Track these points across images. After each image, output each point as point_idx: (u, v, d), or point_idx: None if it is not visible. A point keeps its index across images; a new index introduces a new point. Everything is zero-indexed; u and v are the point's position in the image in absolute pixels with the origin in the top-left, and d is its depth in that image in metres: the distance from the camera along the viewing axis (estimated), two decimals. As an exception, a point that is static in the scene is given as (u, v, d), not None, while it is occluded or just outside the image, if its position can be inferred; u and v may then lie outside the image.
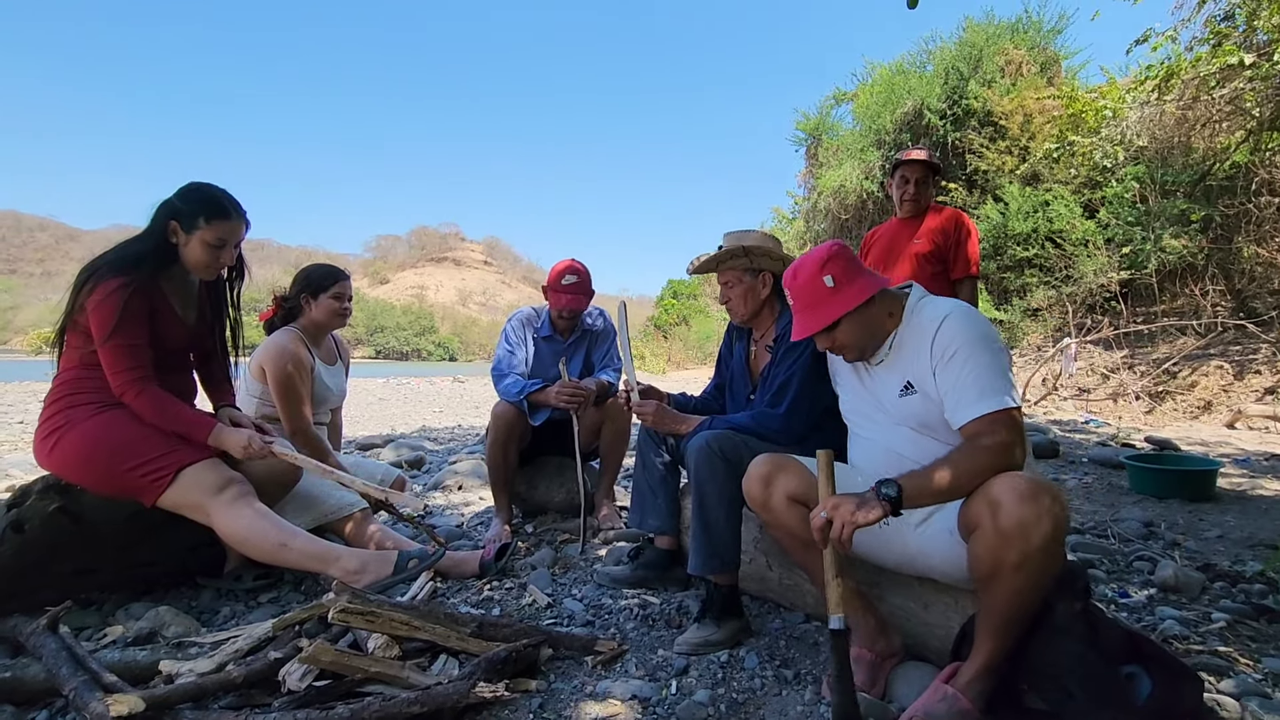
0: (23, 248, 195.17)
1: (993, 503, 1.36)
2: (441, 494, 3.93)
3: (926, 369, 1.61)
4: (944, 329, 1.59)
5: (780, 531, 1.76)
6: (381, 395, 14.87)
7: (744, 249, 2.17)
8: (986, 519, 1.37)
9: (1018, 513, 1.32)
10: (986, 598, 1.42)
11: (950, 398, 1.55)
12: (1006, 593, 1.37)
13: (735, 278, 2.23)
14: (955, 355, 1.55)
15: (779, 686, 1.69)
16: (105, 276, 1.95)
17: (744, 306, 2.24)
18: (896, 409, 1.70)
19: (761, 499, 1.73)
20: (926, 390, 1.62)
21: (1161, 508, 3.45)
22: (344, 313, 2.80)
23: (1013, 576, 1.35)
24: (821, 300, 1.65)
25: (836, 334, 1.68)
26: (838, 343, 1.70)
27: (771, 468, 1.74)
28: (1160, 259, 9.30)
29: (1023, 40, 13.54)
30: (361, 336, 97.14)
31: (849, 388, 1.88)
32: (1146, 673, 1.44)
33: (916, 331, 1.66)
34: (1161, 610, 2.14)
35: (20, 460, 4.69)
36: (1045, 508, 1.32)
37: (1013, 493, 1.33)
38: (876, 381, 1.76)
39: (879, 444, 1.77)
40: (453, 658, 1.71)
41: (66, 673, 1.54)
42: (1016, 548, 1.32)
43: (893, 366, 1.71)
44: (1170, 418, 7.63)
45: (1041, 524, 1.31)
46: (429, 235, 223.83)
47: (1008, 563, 1.34)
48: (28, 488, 2.03)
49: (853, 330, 1.67)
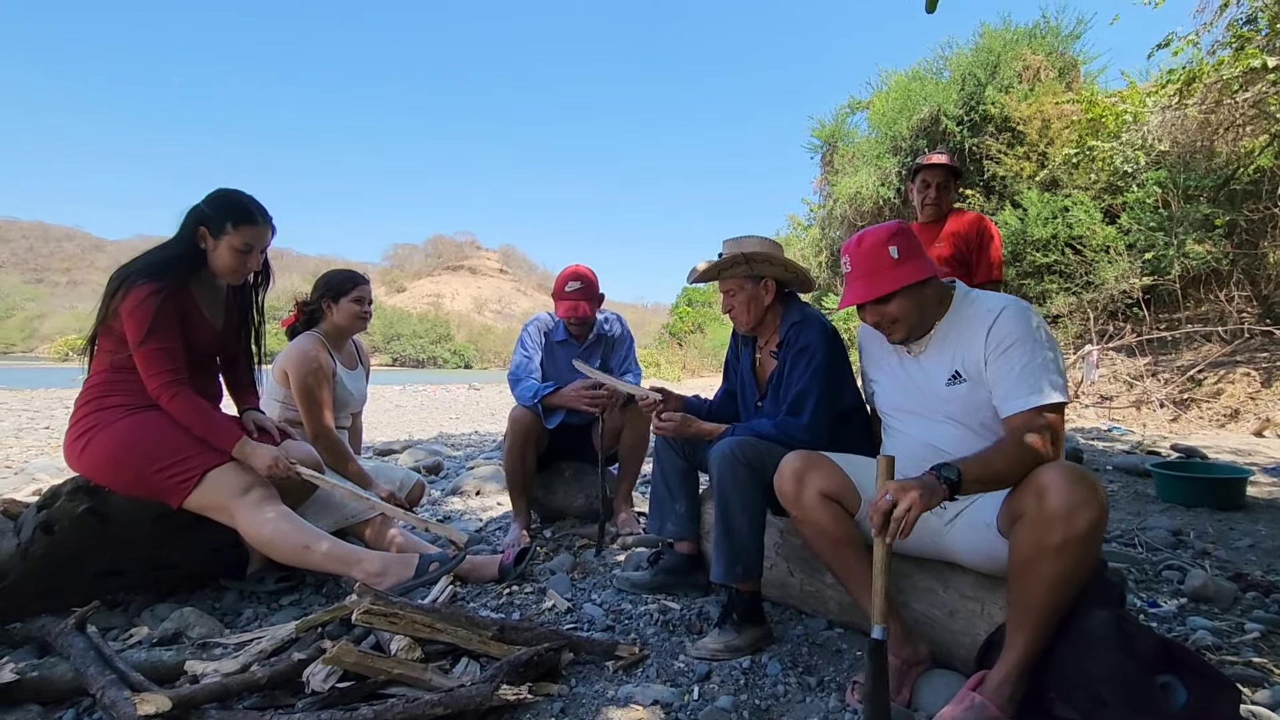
0: (50, 257, 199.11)
1: (1040, 489, 1.37)
2: (460, 499, 3.94)
3: (979, 358, 1.62)
4: (1001, 319, 1.60)
5: (811, 529, 1.73)
6: (399, 402, 14.97)
7: (745, 256, 2.13)
8: (1032, 505, 1.38)
9: (1065, 496, 1.33)
10: (1022, 589, 1.40)
11: (1001, 387, 1.57)
12: (1044, 580, 1.35)
13: (737, 286, 2.19)
14: (1012, 346, 1.57)
15: (802, 693, 1.67)
16: (137, 282, 1.99)
17: (747, 315, 2.21)
18: (941, 399, 1.70)
19: (793, 495, 1.72)
20: (976, 379, 1.63)
21: (1190, 516, 3.38)
22: (364, 316, 2.83)
23: (1053, 560, 1.34)
24: (883, 269, 1.65)
25: (889, 307, 1.67)
26: (887, 316, 1.68)
27: (804, 464, 1.73)
28: (1184, 264, 9.15)
29: (1040, 45, 13.43)
30: (379, 344, 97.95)
31: (888, 379, 1.87)
32: (1182, 682, 1.41)
33: (968, 321, 1.67)
34: (1193, 620, 2.09)
35: (47, 464, 4.77)
36: (1091, 493, 1.34)
37: (1060, 479, 1.35)
38: (919, 371, 1.76)
39: (917, 437, 1.77)
40: (474, 661, 1.71)
41: (94, 672, 1.56)
42: (1060, 530, 1.33)
43: (939, 356, 1.72)
44: (1196, 425, 7.49)
45: (1087, 508, 1.32)
46: (445, 244, 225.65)
47: (1049, 545, 1.34)
48: (57, 489, 2.06)
49: (905, 306, 1.67)
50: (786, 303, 2.24)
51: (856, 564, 1.67)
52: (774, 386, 2.18)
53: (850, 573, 1.70)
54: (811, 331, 2.10)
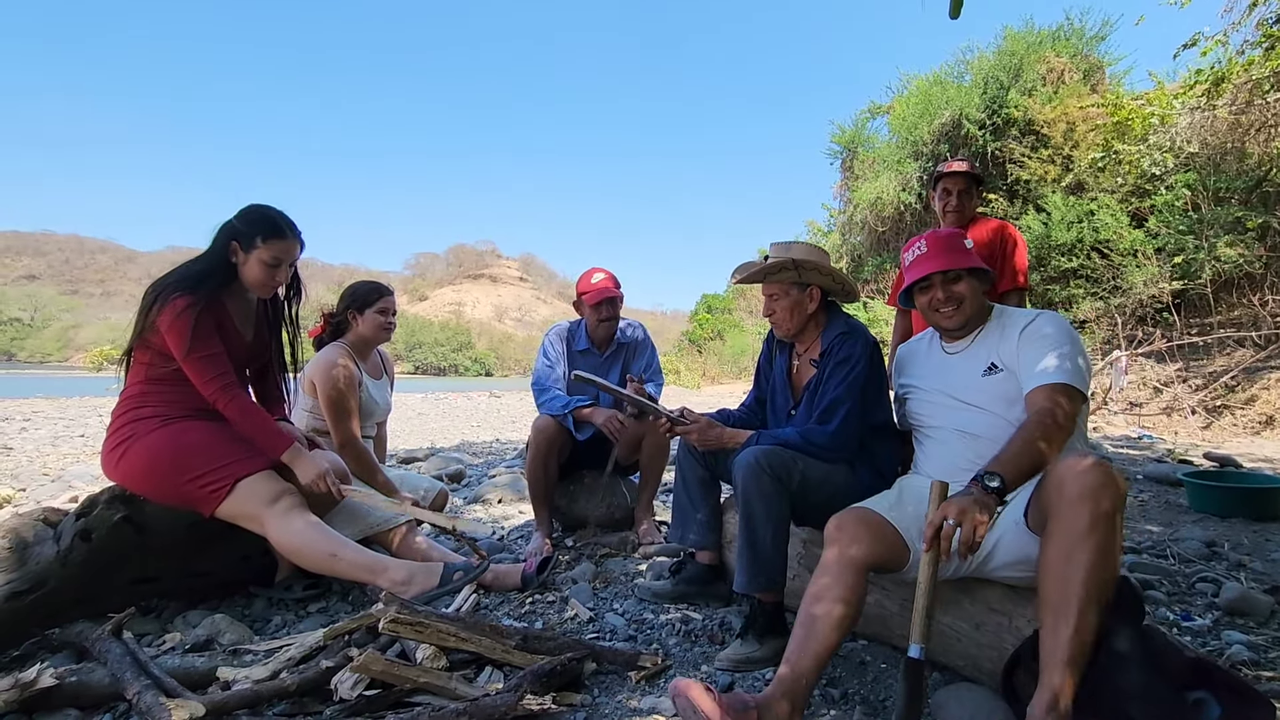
0: (84, 269, 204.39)
1: (1058, 480, 1.41)
2: (481, 507, 3.97)
3: (1013, 349, 1.78)
4: (1040, 319, 1.79)
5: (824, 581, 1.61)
6: (421, 410, 15.12)
7: (794, 262, 2.12)
8: (1055, 497, 1.41)
9: (1083, 480, 1.36)
10: (1061, 585, 1.34)
11: (1027, 367, 1.72)
12: (1083, 567, 1.33)
13: (782, 290, 2.19)
14: (1044, 337, 1.73)
15: (826, 706, 1.67)
16: (172, 295, 2.05)
17: (790, 321, 2.21)
18: (977, 390, 1.83)
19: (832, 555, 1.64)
20: (1010, 369, 1.78)
21: (1224, 527, 3.30)
22: (389, 327, 2.88)
23: (1085, 544, 1.33)
24: (960, 249, 1.86)
25: (959, 285, 1.85)
26: (954, 294, 1.85)
27: (842, 531, 1.65)
28: (1215, 268, 8.97)
29: (1064, 48, 13.28)
30: (401, 352, 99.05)
31: (923, 381, 1.99)
32: (1215, 698, 1.38)
33: (1005, 325, 1.85)
34: (1228, 634, 2.04)
35: (83, 472, 4.89)
36: (1106, 473, 1.37)
37: (1073, 467, 1.40)
38: (955, 369, 1.91)
39: (949, 428, 1.88)
40: (497, 670, 1.73)
41: (130, 677, 1.60)
42: (1088, 511, 1.34)
43: (975, 353, 1.88)
44: (1229, 433, 7.31)
45: (1108, 487, 1.35)
46: (466, 252, 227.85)
47: (1079, 530, 1.34)
48: (95, 498, 2.12)
49: (970, 291, 1.86)
50: (829, 312, 2.24)
51: (824, 632, 1.53)
52: (810, 394, 2.17)
53: (810, 630, 1.54)
54: (856, 344, 2.10)
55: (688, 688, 1.41)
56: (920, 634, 1.39)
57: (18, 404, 13.46)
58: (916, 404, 2.01)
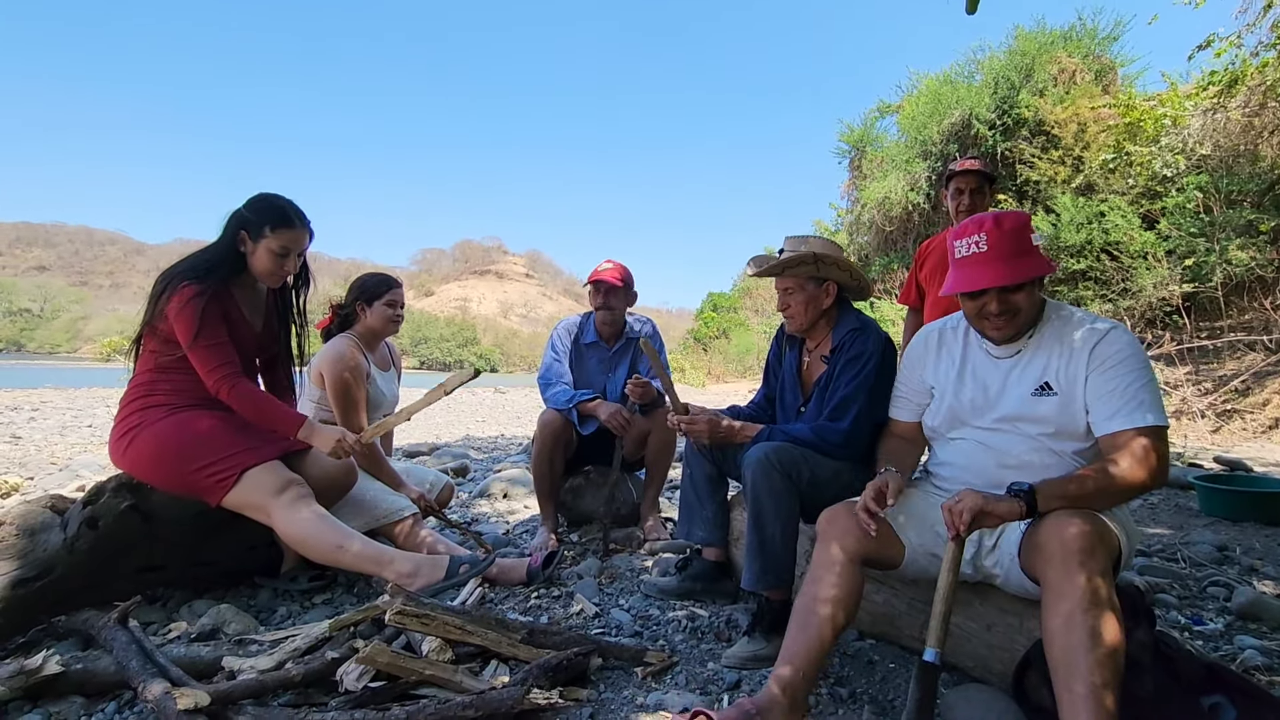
0: (94, 260, 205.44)
1: (1042, 541, 1.37)
2: (487, 502, 3.97)
3: (1079, 374, 1.55)
4: (1110, 337, 1.55)
5: (816, 575, 1.61)
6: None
7: (814, 256, 2.10)
8: (1039, 559, 1.37)
9: (1069, 545, 1.31)
10: (1067, 654, 1.26)
11: (1105, 403, 1.51)
12: (1086, 638, 1.24)
13: (798, 285, 2.17)
14: (1119, 365, 1.51)
15: (834, 705, 1.65)
16: (181, 284, 2.05)
17: (805, 315, 2.18)
18: (1021, 410, 1.62)
19: (820, 551, 1.65)
20: (1069, 395, 1.56)
21: (1235, 531, 3.27)
22: (397, 319, 2.88)
23: (1084, 615, 1.26)
24: (1029, 252, 1.55)
25: (1018, 295, 1.56)
26: (1013, 306, 1.57)
27: (833, 525, 1.65)
28: (1226, 271, 8.88)
29: (1076, 48, 13.17)
30: (406, 348, 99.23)
31: (953, 383, 1.76)
32: (1230, 702, 1.37)
33: (1068, 335, 1.60)
34: (1240, 639, 2.02)
35: (90, 461, 4.91)
36: (1093, 534, 1.32)
37: (1058, 528, 1.35)
38: (998, 377, 1.68)
39: (976, 441, 1.70)
40: (503, 664, 1.72)
41: (136, 666, 1.60)
42: (1081, 580, 1.29)
43: (1028, 365, 1.63)
44: (1239, 436, 7.26)
45: (1096, 550, 1.31)
46: (472, 248, 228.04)
47: (1073, 598, 1.28)
48: (102, 486, 2.12)
49: (1028, 301, 1.58)
50: (841, 308, 2.22)
51: (819, 627, 1.51)
52: (820, 391, 2.15)
53: (805, 625, 1.53)
54: (870, 340, 2.08)
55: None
56: (937, 639, 1.38)
57: (26, 394, 13.54)
58: (939, 418, 1.79)
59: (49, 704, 1.61)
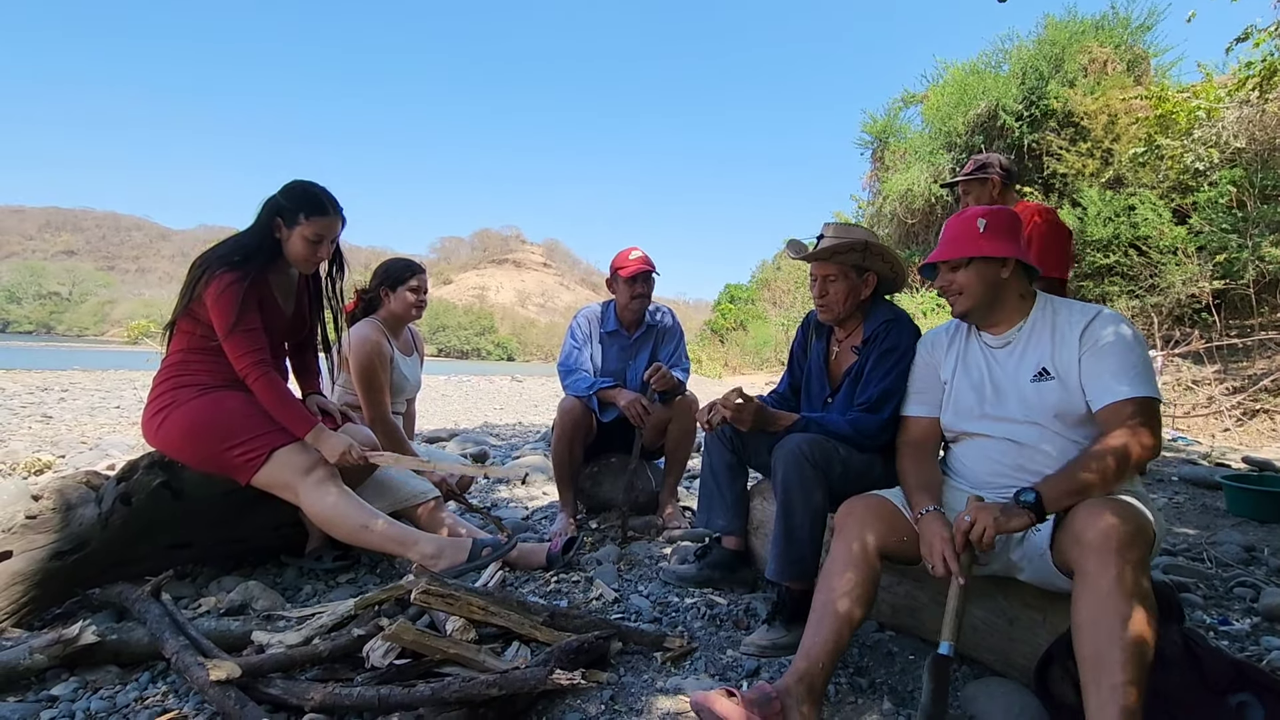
0: (120, 246, 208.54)
1: (1077, 532, 1.36)
2: (506, 488, 4.00)
3: (1072, 357, 1.61)
4: (1099, 320, 1.61)
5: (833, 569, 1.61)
6: (444, 391, 15.26)
7: (865, 244, 2.09)
8: (1074, 549, 1.36)
9: (1105, 534, 1.32)
10: (1096, 649, 1.26)
11: (1097, 381, 1.56)
12: (1117, 632, 1.24)
13: (840, 273, 2.14)
14: (1108, 345, 1.56)
15: (854, 695, 1.65)
16: (220, 270, 2.08)
17: (843, 305, 2.16)
18: (1023, 396, 1.66)
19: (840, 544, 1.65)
20: (1066, 379, 1.61)
21: (1264, 532, 3.22)
22: (420, 304, 2.91)
23: (1113, 606, 1.26)
24: (964, 237, 1.71)
25: (958, 275, 1.71)
26: (955, 284, 1.72)
27: (854, 515, 1.67)
28: (1259, 268, 8.68)
29: (1108, 38, 12.90)
30: (425, 335, 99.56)
31: (961, 380, 1.80)
32: (1259, 700, 1.35)
33: (1061, 321, 1.66)
34: (1267, 640, 1.99)
35: (119, 441, 5.01)
36: (1130, 525, 1.32)
37: (1093, 518, 1.35)
38: (999, 367, 1.74)
39: (994, 434, 1.71)
40: (524, 645, 1.74)
41: (169, 637, 1.64)
42: (1113, 570, 1.28)
43: (1024, 353, 1.69)
44: (1268, 437, 7.12)
45: (1134, 540, 1.30)
46: (491, 237, 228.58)
47: (1104, 589, 1.27)
48: (135, 463, 2.17)
49: (975, 280, 1.70)
50: (874, 299, 2.21)
51: (837, 618, 1.52)
52: (850, 382, 2.14)
53: (823, 617, 1.53)
54: (905, 333, 2.07)
55: (707, 700, 1.38)
56: (951, 632, 1.40)
57: (56, 375, 13.83)
58: (952, 410, 1.82)
59: (85, 672, 1.67)
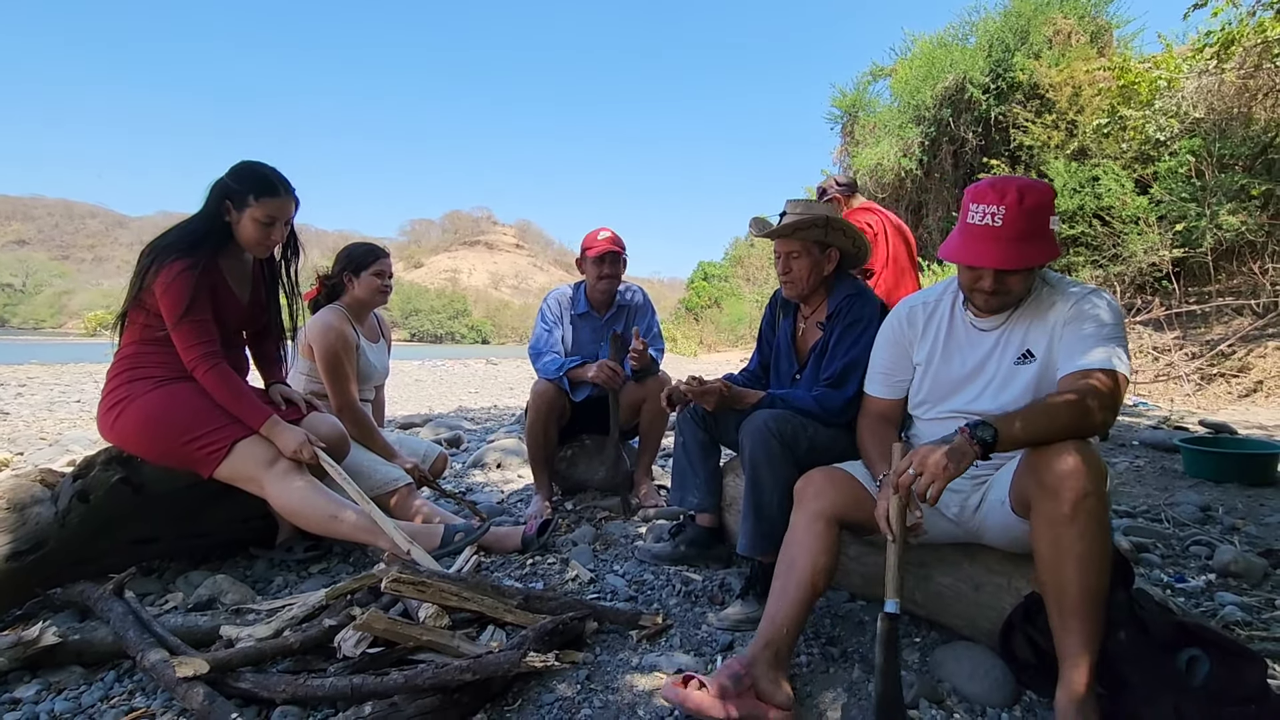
0: (74, 234, 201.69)
1: (1031, 466, 1.39)
2: (481, 472, 3.98)
3: (1055, 335, 1.56)
4: (1086, 299, 1.55)
5: (791, 545, 1.66)
6: (418, 376, 15.11)
7: (826, 219, 2.09)
8: (1031, 484, 1.39)
9: (1057, 465, 1.33)
10: (1058, 578, 1.35)
11: (1065, 351, 1.52)
12: (1074, 557, 1.32)
13: (803, 249, 2.14)
14: (1084, 319, 1.52)
15: (825, 664, 1.69)
16: (169, 258, 2.01)
17: (806, 281, 2.17)
18: (1005, 378, 1.63)
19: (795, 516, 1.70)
20: (1045, 358, 1.58)
21: (1219, 492, 3.33)
22: (385, 290, 2.85)
23: (1070, 533, 1.32)
24: (1041, 237, 1.49)
25: (1014, 278, 1.53)
26: (1005, 286, 1.54)
27: (810, 486, 1.71)
28: (1216, 236, 8.89)
29: (1072, 9, 12.97)
30: (397, 320, 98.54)
31: (940, 365, 1.75)
32: (1207, 654, 1.40)
33: (1043, 303, 1.61)
34: (1221, 596, 2.07)
35: (79, 436, 4.88)
36: (1080, 453, 1.34)
37: (1047, 453, 1.37)
38: (982, 348, 1.68)
39: (964, 415, 1.66)
40: (499, 629, 1.74)
41: (133, 636, 1.61)
42: (1069, 498, 1.31)
43: (1009, 335, 1.64)
44: (1224, 400, 7.36)
45: (1084, 469, 1.32)
46: (462, 219, 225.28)
47: (1060, 518, 1.32)
48: (92, 459, 2.11)
49: (1024, 281, 1.55)
50: (837, 274, 2.22)
51: (798, 583, 1.57)
52: (816, 357, 2.16)
53: (785, 583, 1.59)
54: (868, 306, 2.09)
55: (680, 696, 1.39)
56: (894, 589, 1.40)
57: (12, 370, 13.40)
58: (923, 390, 1.79)
59: (48, 674, 1.63)
